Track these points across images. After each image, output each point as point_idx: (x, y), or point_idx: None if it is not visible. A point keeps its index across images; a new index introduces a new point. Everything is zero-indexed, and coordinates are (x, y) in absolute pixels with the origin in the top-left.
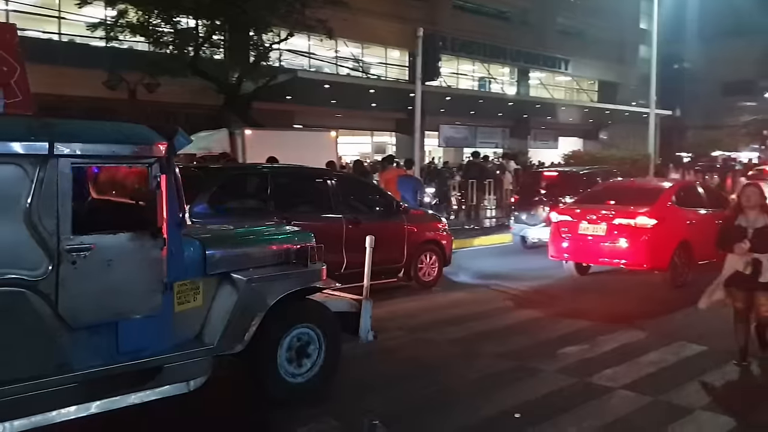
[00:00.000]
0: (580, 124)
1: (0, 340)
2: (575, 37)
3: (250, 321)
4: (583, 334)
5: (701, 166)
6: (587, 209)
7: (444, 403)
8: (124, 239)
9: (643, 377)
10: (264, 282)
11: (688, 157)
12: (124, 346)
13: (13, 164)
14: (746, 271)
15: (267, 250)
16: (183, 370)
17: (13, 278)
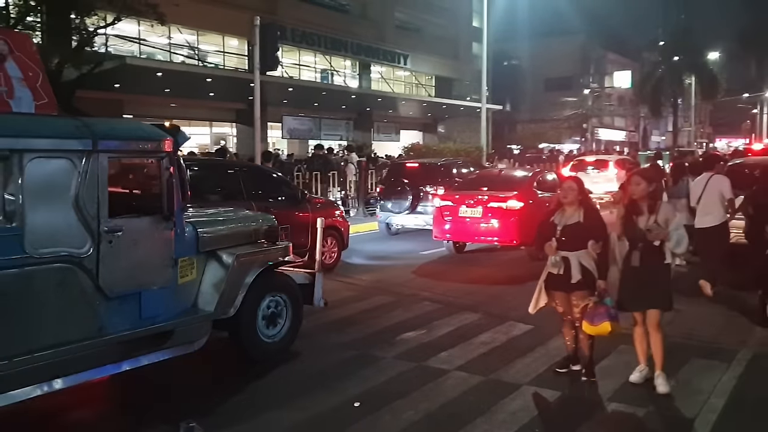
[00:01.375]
0: (420, 118)
1: (56, 309)
2: (413, 32)
3: (238, 290)
4: (422, 319)
5: (530, 157)
6: (465, 195)
7: (288, 395)
8: (145, 222)
9: (476, 358)
10: (249, 257)
11: (518, 149)
12: (145, 313)
13: (65, 158)
14: (555, 271)
15: (245, 231)
16: (189, 332)
17: (65, 255)
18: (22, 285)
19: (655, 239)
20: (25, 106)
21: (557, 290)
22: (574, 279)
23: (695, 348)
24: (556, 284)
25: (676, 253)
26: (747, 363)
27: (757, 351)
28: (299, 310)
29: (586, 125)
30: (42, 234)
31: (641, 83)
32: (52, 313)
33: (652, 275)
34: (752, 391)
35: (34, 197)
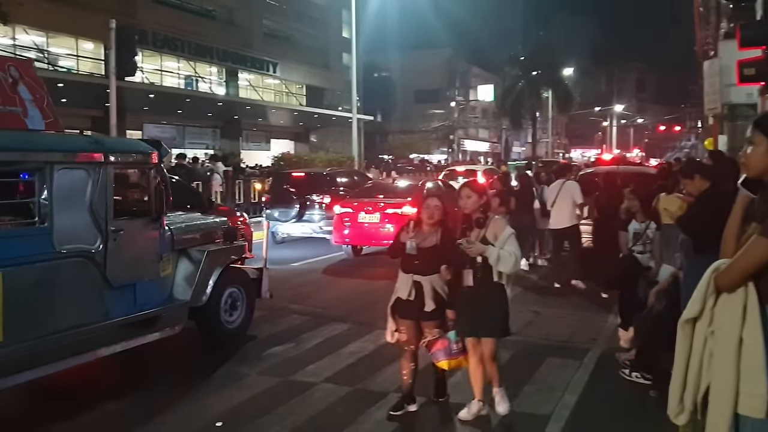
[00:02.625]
0: (291, 127)
1: (75, 296)
2: (283, 41)
3: (208, 282)
4: (290, 332)
5: (402, 167)
6: (364, 202)
7: (147, 415)
8: (139, 223)
9: (344, 368)
10: (217, 254)
11: (390, 159)
12: (138, 301)
13: (83, 169)
14: (405, 296)
15: (209, 232)
16: (171, 318)
17: (82, 250)
18: (52, 276)
19: (471, 255)
20: (36, 125)
21: (406, 318)
22: (427, 307)
23: (551, 348)
24: (405, 312)
25: (501, 271)
26: (597, 360)
27: (606, 348)
28: (252, 301)
29: (452, 136)
30: (65, 233)
31: (503, 96)
32: (72, 300)
33: (485, 296)
34: (601, 386)
35: (60, 202)
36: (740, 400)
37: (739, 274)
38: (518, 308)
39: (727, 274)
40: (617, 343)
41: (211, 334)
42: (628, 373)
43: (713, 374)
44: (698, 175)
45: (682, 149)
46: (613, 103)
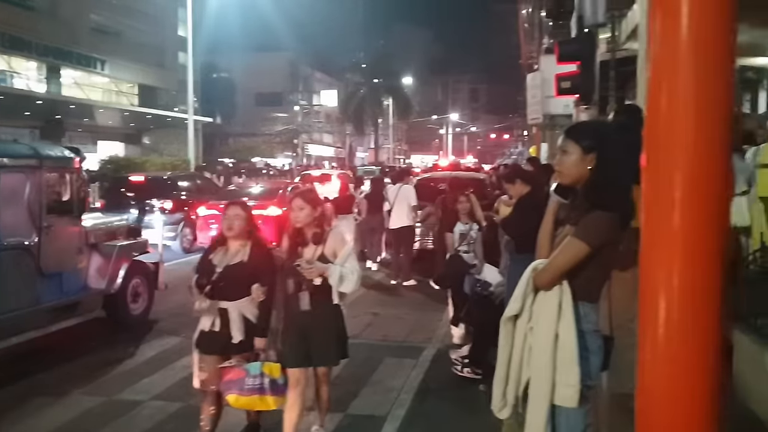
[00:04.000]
0: (122, 128)
1: (14, 283)
2: (113, 37)
3: (120, 271)
4: (120, 346)
5: (244, 171)
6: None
7: None
8: (65, 220)
9: (176, 383)
10: (126, 248)
11: (231, 163)
12: (64, 288)
13: (21, 172)
14: (207, 327)
15: (117, 229)
16: (90, 303)
17: (19, 243)
18: None
19: (309, 277)
20: None
21: (211, 353)
22: (235, 339)
23: (389, 348)
24: (209, 345)
25: (343, 292)
26: (432, 358)
27: (440, 346)
28: (153, 291)
29: (297, 141)
30: (8, 227)
31: (346, 102)
32: (12, 286)
33: (323, 321)
34: (435, 384)
35: (4, 200)
36: (556, 391)
37: (555, 274)
38: (358, 311)
39: (544, 274)
40: (451, 340)
41: (119, 319)
42: (460, 369)
43: (532, 368)
44: (519, 180)
45: (510, 156)
46: (449, 111)
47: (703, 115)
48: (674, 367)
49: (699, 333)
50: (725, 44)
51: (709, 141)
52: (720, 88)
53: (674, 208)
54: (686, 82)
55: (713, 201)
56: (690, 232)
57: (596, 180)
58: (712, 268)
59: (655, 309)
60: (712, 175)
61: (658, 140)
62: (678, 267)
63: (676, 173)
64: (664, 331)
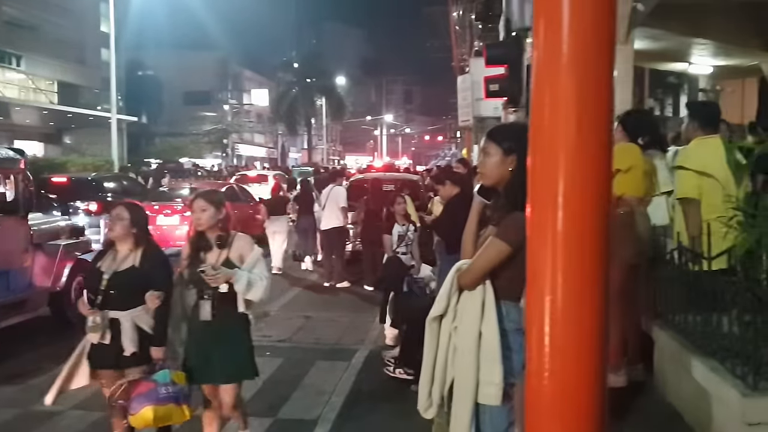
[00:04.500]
0: (41, 127)
1: None
2: (28, 31)
3: (64, 270)
4: (41, 354)
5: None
6: (164, 205)
7: None
8: (12, 219)
9: (96, 391)
10: (70, 247)
11: (157, 163)
12: (11, 286)
13: None
14: (96, 340)
15: (63, 229)
16: (36, 301)
17: None
18: None
19: (215, 284)
20: None
21: (104, 368)
22: (127, 351)
23: (321, 351)
24: (102, 359)
25: (251, 299)
26: (364, 360)
27: (372, 348)
28: None
29: (226, 140)
30: None
31: (277, 102)
32: None
33: (227, 333)
34: (367, 385)
35: None
36: (480, 389)
37: (478, 273)
38: (290, 314)
39: (468, 274)
40: (384, 341)
41: (64, 317)
42: (392, 369)
43: (456, 367)
44: (448, 181)
45: (444, 157)
46: (384, 112)
47: (584, 118)
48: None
49: (583, 328)
50: (605, 51)
51: (590, 143)
52: (600, 93)
53: (557, 209)
54: (567, 87)
55: (594, 201)
56: (572, 232)
57: (517, 181)
58: (595, 266)
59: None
60: (592, 176)
61: (542, 143)
62: (561, 266)
63: (558, 175)
64: (549, 329)
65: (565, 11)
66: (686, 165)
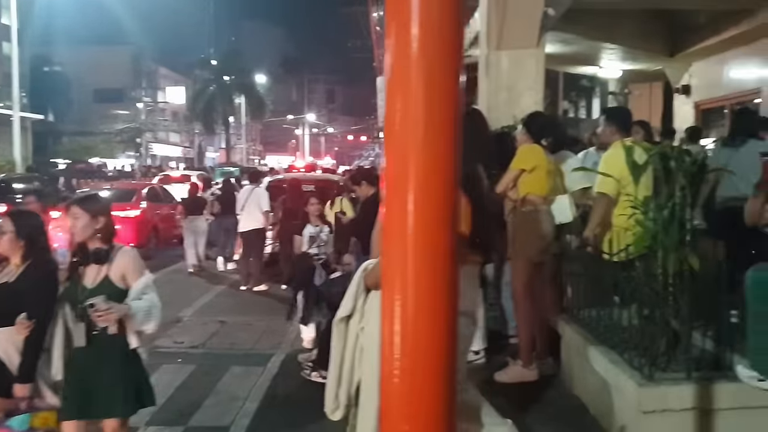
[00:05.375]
0: None
1: None
2: None
3: None
4: None
5: (79, 172)
6: None
7: None
8: None
9: None
10: None
11: (66, 163)
12: None
13: None
14: None
15: None
16: None
17: None
18: None
19: (105, 324)
20: None
21: None
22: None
23: (235, 357)
24: None
25: (145, 330)
26: (280, 364)
27: (290, 351)
28: None
29: (140, 140)
30: None
31: (194, 100)
32: None
33: (108, 359)
34: (282, 390)
35: None
36: None
37: None
38: (204, 319)
39: (374, 273)
40: (301, 344)
41: None
42: (308, 373)
43: (363, 368)
44: (365, 181)
45: (368, 158)
46: (305, 112)
47: (431, 121)
48: (412, 360)
49: (434, 329)
50: (452, 56)
51: (437, 145)
52: (448, 95)
53: (407, 212)
54: (417, 89)
55: (442, 203)
56: (422, 234)
57: None
58: (445, 267)
59: (392, 308)
60: (440, 178)
61: (394, 146)
62: (412, 267)
63: (409, 178)
64: (401, 328)
65: (414, 16)
66: (607, 168)
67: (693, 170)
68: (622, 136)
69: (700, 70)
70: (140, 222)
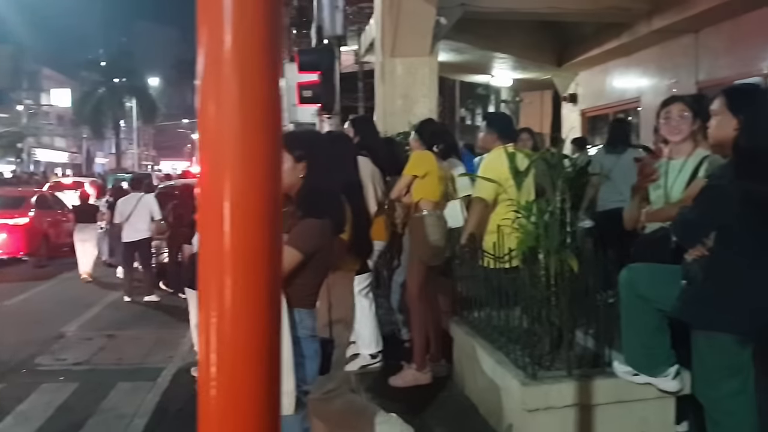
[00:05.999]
0: None
1: None
2: None
3: None
4: None
5: None
6: None
7: None
8: None
9: None
10: None
11: None
12: None
13: None
14: None
15: None
16: None
17: None
18: None
19: None
20: None
21: None
22: None
23: (123, 372)
24: None
25: None
26: (171, 378)
27: (181, 365)
28: None
29: (21, 145)
30: None
31: (81, 103)
32: None
33: None
34: (173, 405)
35: None
36: None
37: None
38: (90, 333)
39: None
40: (194, 357)
41: None
42: None
43: None
44: None
45: None
46: None
47: (249, 127)
48: (230, 372)
49: (254, 334)
50: (268, 60)
51: (256, 154)
52: (265, 100)
53: (223, 216)
54: (231, 94)
55: (263, 214)
56: (240, 247)
57: (307, 188)
58: (267, 282)
59: (210, 316)
60: (260, 188)
61: (208, 154)
62: (230, 271)
63: (225, 182)
64: (217, 330)
65: (227, 17)
66: (487, 173)
67: (572, 175)
68: (504, 142)
69: (585, 80)
70: (29, 230)
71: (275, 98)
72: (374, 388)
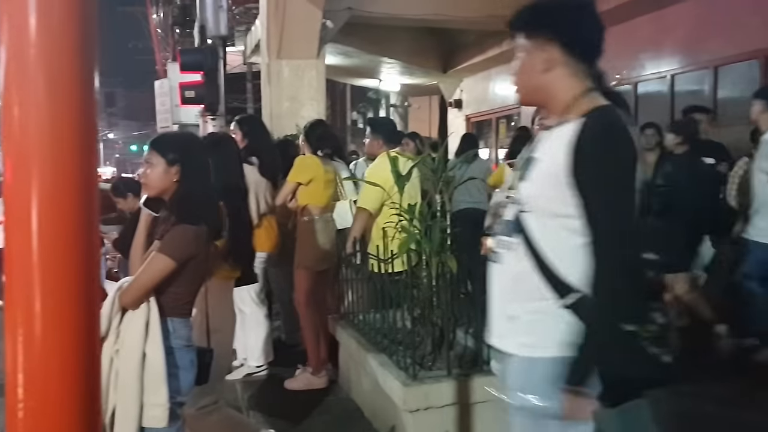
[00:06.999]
0: None
1: None
2: None
3: None
4: None
5: None
6: None
7: None
8: None
9: None
10: None
11: None
12: None
13: None
14: None
15: None
16: None
17: None
18: None
19: None
20: None
21: None
22: None
23: None
24: None
25: None
26: None
27: None
28: None
29: None
30: None
31: None
32: None
33: None
34: None
35: None
36: (144, 413)
37: (141, 291)
38: None
39: (129, 292)
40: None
41: None
42: None
43: (119, 392)
44: (131, 194)
45: None
46: None
47: (58, 121)
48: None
49: (66, 346)
50: (79, 60)
51: (66, 155)
52: (75, 102)
53: (30, 232)
54: (37, 97)
55: (75, 220)
56: (50, 256)
57: (182, 193)
58: (80, 294)
59: (15, 345)
60: (71, 192)
61: (13, 156)
62: (39, 297)
63: (32, 191)
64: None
65: (31, 12)
66: (372, 179)
67: (449, 179)
68: (390, 147)
69: (469, 86)
70: None
71: (92, 99)
72: (257, 396)
